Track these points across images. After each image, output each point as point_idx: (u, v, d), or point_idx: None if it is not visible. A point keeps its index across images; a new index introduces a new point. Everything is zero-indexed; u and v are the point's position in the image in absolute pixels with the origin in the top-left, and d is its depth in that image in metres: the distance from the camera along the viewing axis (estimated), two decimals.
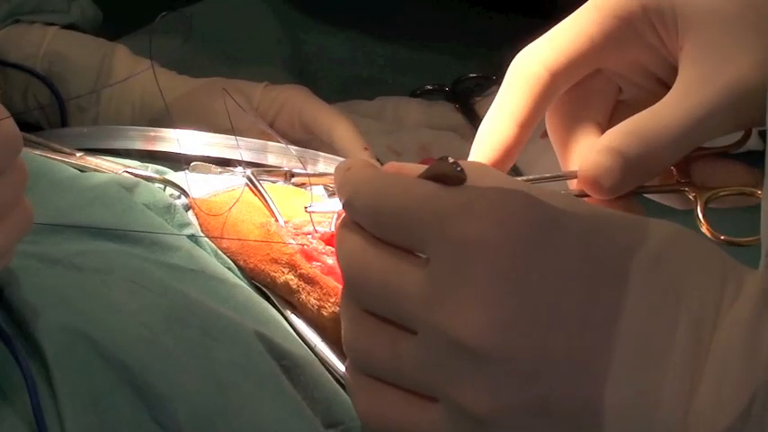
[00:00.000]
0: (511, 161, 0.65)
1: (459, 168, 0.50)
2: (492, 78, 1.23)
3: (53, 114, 1.04)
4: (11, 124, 0.58)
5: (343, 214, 0.55)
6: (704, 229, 0.62)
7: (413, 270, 0.50)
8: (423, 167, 0.54)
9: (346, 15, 1.29)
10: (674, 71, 0.63)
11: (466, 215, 0.49)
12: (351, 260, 0.53)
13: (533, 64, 0.64)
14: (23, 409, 0.60)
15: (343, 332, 0.54)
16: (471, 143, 1.14)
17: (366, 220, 0.52)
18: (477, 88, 1.23)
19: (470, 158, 0.65)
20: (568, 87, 0.66)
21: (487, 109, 1.18)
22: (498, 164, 0.64)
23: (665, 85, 0.63)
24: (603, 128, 0.66)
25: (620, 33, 0.63)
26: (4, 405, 0.60)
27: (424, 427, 0.51)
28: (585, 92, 0.66)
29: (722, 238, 0.62)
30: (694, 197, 0.64)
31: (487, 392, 0.48)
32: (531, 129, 0.65)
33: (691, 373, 0.47)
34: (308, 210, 0.74)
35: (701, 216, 0.63)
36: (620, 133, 0.61)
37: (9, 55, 1.03)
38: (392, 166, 0.57)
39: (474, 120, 1.17)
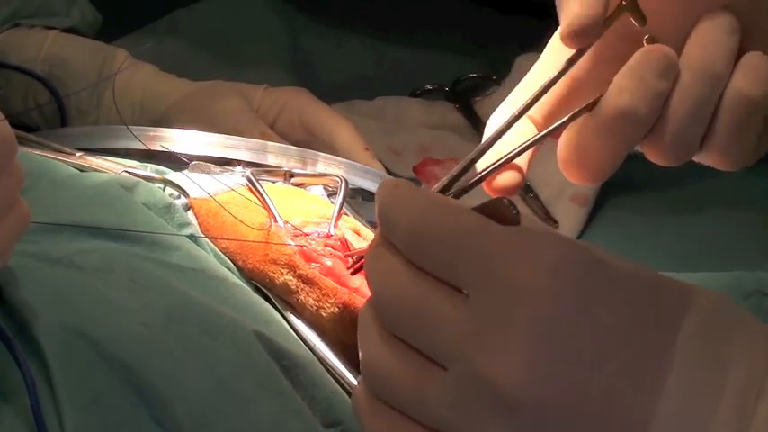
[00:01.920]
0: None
1: (515, 211, 0.48)
2: (492, 78, 1.23)
3: (53, 117, 1.04)
4: (6, 127, 0.58)
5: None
6: None
7: (451, 304, 0.48)
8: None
9: (346, 16, 1.29)
10: None
11: (516, 257, 0.47)
12: (385, 282, 0.51)
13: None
14: (23, 409, 0.60)
15: (362, 351, 0.52)
16: (471, 143, 1.15)
17: (406, 245, 0.50)
18: (477, 88, 1.23)
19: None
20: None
21: (487, 109, 1.19)
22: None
23: None
24: None
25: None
26: (4, 405, 0.60)
27: None
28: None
29: None
30: None
31: None
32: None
33: None
34: None
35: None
36: None
37: (9, 58, 1.03)
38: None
39: (474, 120, 1.17)
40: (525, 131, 0.64)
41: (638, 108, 0.60)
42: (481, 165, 0.64)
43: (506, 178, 0.63)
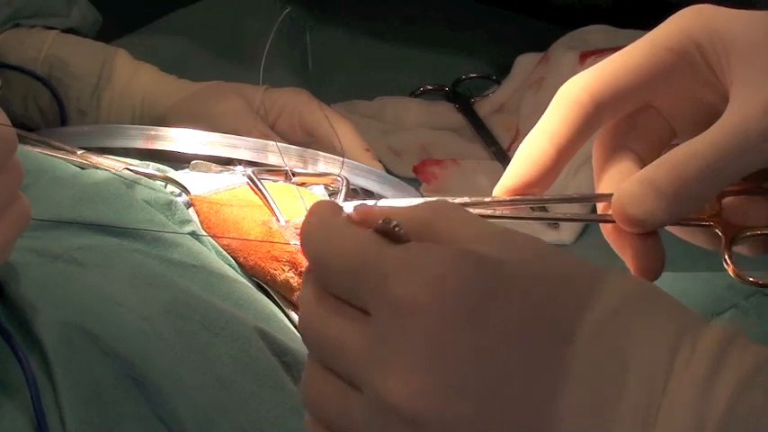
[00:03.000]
0: (546, 183, 0.62)
1: (400, 230, 0.48)
2: (492, 78, 1.23)
3: (53, 118, 1.05)
4: (5, 125, 0.58)
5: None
6: (730, 270, 0.59)
7: (355, 328, 0.48)
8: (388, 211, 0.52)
9: (347, 16, 1.29)
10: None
11: (402, 275, 0.47)
12: (303, 309, 0.51)
13: (578, 90, 0.62)
14: (24, 404, 0.60)
15: (301, 384, 0.53)
16: (471, 143, 1.15)
17: (315, 271, 0.51)
18: (477, 88, 1.23)
19: (505, 177, 0.63)
20: (616, 119, 0.63)
21: (487, 109, 1.19)
22: (532, 185, 0.62)
23: None
24: (646, 163, 0.62)
25: (671, 66, 0.61)
26: (6, 400, 0.60)
27: None
28: (632, 124, 0.63)
29: (750, 279, 0.59)
30: (721, 234, 0.60)
31: None
32: (568, 154, 0.62)
33: None
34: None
35: (726, 256, 0.60)
36: (655, 164, 0.59)
37: (9, 59, 1.04)
38: (361, 211, 0.54)
39: (474, 120, 1.17)
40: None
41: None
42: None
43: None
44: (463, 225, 0.50)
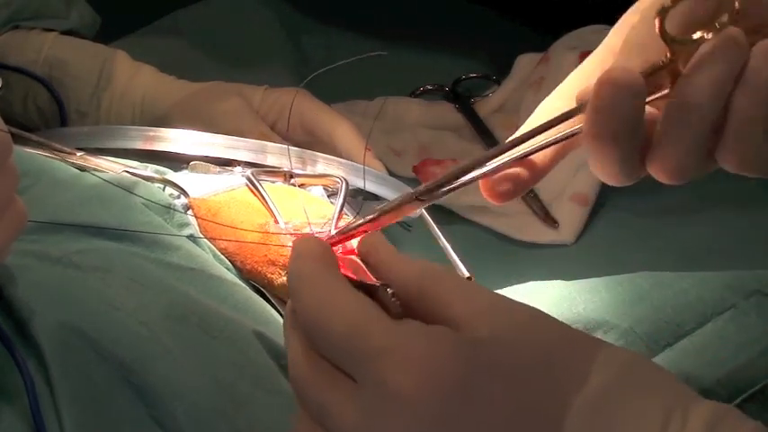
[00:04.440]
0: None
1: (397, 302, 0.49)
2: (492, 78, 1.23)
3: (53, 119, 1.04)
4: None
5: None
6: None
7: (346, 400, 0.49)
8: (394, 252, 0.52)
9: (346, 16, 1.29)
10: None
11: (390, 360, 0.47)
12: (291, 364, 0.52)
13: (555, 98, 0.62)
14: (23, 408, 0.60)
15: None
16: (471, 143, 1.15)
17: (305, 329, 0.51)
18: (477, 88, 1.23)
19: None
20: None
21: (487, 109, 1.19)
22: None
23: None
24: None
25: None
26: (4, 404, 0.60)
27: None
28: None
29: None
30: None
31: None
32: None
33: None
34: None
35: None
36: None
37: (9, 60, 1.03)
38: (369, 241, 0.55)
39: (474, 120, 1.17)
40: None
41: (616, 132, 0.56)
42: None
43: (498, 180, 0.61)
44: (457, 296, 0.50)
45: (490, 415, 0.47)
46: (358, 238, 0.57)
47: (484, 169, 0.60)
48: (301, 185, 0.87)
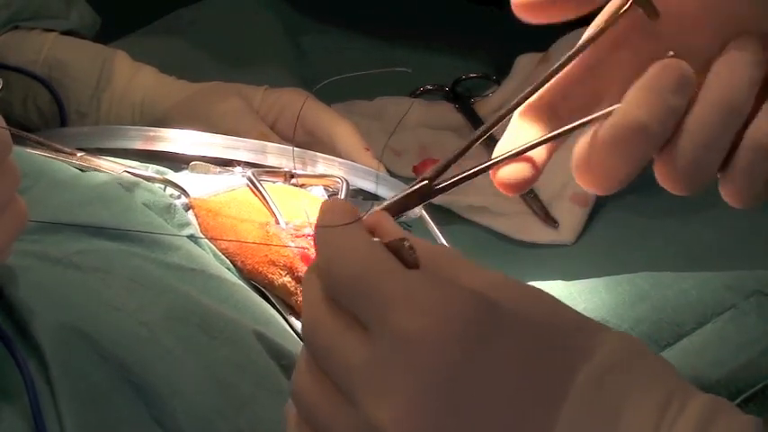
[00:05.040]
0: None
1: (414, 255, 0.49)
2: (492, 78, 1.24)
3: (53, 119, 1.04)
4: None
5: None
6: None
7: (356, 344, 0.49)
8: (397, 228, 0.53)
9: (346, 16, 1.29)
10: None
11: (407, 306, 0.47)
12: (306, 305, 0.52)
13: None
14: (23, 408, 0.60)
15: (293, 376, 0.53)
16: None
17: (323, 278, 0.51)
18: (477, 88, 1.23)
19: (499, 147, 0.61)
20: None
21: (487, 109, 1.19)
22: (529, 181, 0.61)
23: None
24: None
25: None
26: (4, 404, 0.60)
27: None
28: None
29: None
30: None
31: None
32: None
33: None
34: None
35: None
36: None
37: (8, 61, 1.03)
38: (376, 216, 0.54)
39: (474, 120, 1.17)
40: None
41: (650, 123, 0.57)
42: (495, 153, 0.61)
43: (513, 171, 0.60)
44: (469, 268, 0.50)
45: (501, 368, 0.47)
46: None
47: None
48: (301, 185, 0.87)
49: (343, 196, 0.83)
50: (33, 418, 0.59)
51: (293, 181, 0.87)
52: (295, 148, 0.90)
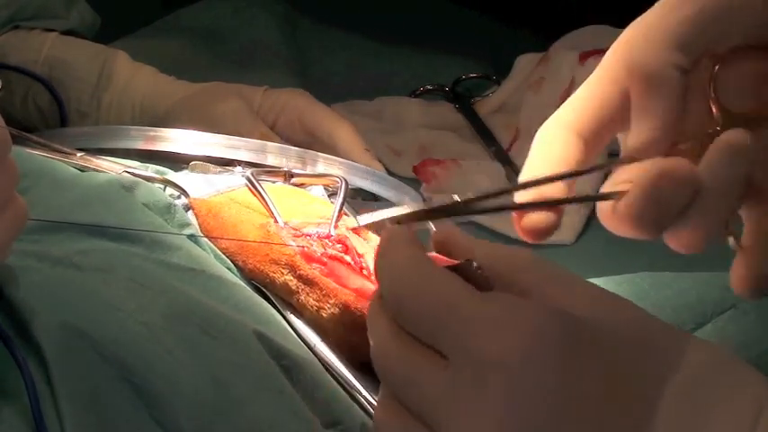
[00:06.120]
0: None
1: (485, 275, 0.49)
2: (492, 79, 1.24)
3: (53, 119, 1.05)
4: None
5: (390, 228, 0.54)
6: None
7: (433, 371, 0.49)
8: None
9: (346, 16, 1.29)
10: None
11: (489, 331, 0.47)
12: (377, 342, 0.51)
13: (558, 128, 0.61)
14: (23, 408, 0.60)
15: (375, 412, 0.53)
16: (471, 143, 1.15)
17: (392, 308, 0.51)
18: (477, 88, 1.23)
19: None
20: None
21: (487, 109, 1.19)
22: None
23: None
24: None
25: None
26: (4, 404, 0.60)
27: None
28: None
29: None
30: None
31: None
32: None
33: None
34: (359, 224, 0.71)
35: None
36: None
37: (9, 61, 1.04)
38: (445, 233, 0.54)
39: (474, 120, 1.17)
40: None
41: (659, 220, 0.58)
42: (519, 197, 0.61)
43: (538, 221, 0.60)
44: (550, 281, 0.50)
45: (589, 389, 0.47)
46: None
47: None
48: (301, 185, 0.87)
49: (342, 196, 0.82)
50: (33, 418, 0.59)
51: (293, 180, 0.87)
52: (295, 148, 0.90)
